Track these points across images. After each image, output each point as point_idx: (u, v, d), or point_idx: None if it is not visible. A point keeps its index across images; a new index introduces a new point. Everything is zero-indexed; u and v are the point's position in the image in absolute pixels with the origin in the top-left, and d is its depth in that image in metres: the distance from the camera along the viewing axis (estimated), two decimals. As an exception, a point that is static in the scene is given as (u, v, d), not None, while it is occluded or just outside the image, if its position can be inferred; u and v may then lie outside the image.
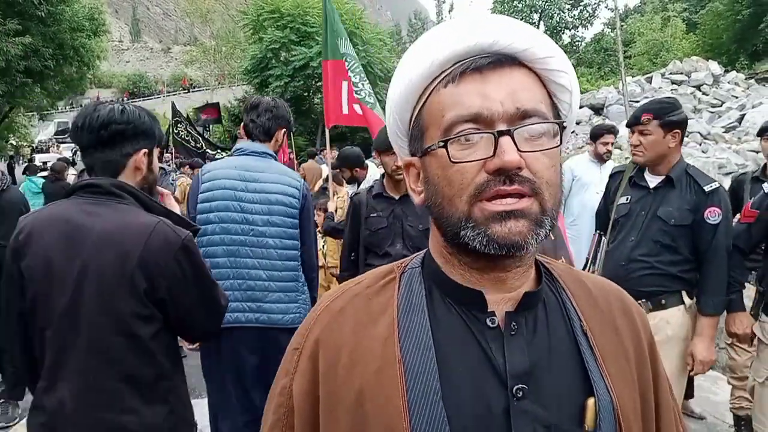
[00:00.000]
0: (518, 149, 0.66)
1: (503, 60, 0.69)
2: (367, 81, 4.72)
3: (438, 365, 0.70)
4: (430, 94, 0.72)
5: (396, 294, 0.77)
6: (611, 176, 3.02)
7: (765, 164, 3.87)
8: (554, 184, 0.69)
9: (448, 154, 0.68)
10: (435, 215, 0.73)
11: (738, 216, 3.72)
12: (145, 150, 1.68)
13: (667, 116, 2.58)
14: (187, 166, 8.99)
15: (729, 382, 3.68)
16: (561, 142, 0.72)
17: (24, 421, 4.04)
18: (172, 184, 6.39)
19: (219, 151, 12.61)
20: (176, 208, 1.90)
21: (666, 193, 2.64)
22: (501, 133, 0.66)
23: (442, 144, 0.69)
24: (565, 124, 0.73)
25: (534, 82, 0.71)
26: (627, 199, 2.76)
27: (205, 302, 1.69)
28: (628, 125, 2.71)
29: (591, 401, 0.71)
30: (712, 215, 2.53)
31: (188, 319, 1.67)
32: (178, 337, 1.76)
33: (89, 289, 1.52)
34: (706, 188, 2.56)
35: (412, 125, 0.76)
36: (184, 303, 1.62)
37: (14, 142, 28.62)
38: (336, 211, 4.24)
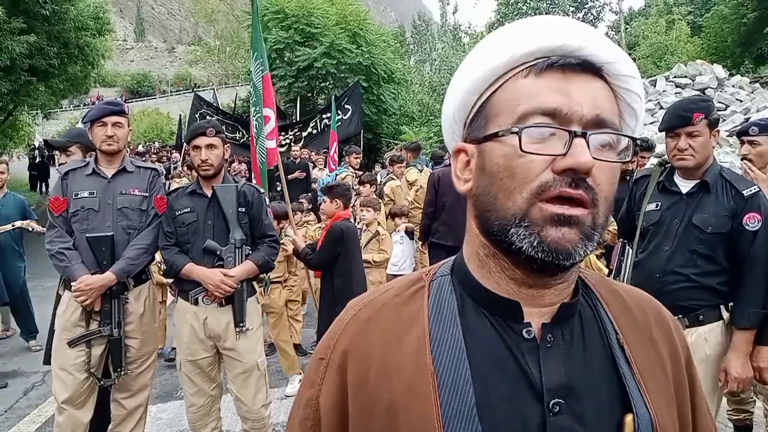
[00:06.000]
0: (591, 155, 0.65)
1: (587, 67, 0.68)
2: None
3: (472, 378, 0.67)
4: (504, 82, 0.70)
5: (426, 303, 0.74)
6: (635, 182, 2.79)
7: None
8: (609, 202, 0.68)
9: (520, 141, 0.65)
10: (483, 207, 0.70)
11: None
12: None
13: (712, 114, 2.42)
14: (186, 167, 7.46)
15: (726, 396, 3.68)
16: (630, 160, 0.70)
17: (42, 407, 3.97)
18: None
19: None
20: None
21: (701, 198, 2.44)
22: (576, 134, 0.64)
23: (516, 130, 0.65)
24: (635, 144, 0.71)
25: (612, 97, 0.70)
26: (657, 205, 2.54)
27: None
28: (670, 127, 2.46)
29: (629, 418, 0.68)
30: (752, 221, 2.35)
31: None
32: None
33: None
34: (745, 193, 2.38)
35: (475, 111, 0.73)
36: None
37: (41, 141, 28.13)
38: None
